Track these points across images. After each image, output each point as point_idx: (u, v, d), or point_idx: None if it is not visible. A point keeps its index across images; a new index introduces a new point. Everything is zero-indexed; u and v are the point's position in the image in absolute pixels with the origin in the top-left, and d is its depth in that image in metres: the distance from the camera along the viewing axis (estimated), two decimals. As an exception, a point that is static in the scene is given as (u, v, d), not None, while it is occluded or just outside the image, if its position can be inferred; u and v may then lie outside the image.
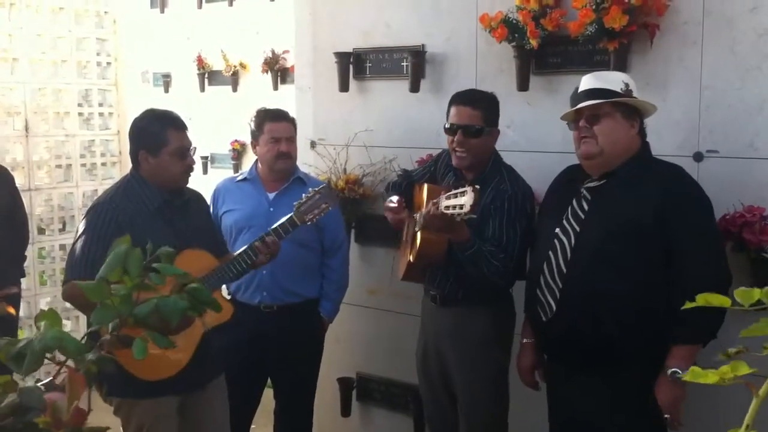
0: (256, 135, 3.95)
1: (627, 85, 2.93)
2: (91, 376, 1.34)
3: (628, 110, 2.94)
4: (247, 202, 3.96)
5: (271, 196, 3.95)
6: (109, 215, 3.17)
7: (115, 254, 1.41)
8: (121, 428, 3.32)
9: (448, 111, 3.42)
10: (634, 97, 2.94)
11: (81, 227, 3.24)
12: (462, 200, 2.89)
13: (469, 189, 2.88)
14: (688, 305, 1.23)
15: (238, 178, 4.09)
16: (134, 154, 3.29)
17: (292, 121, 4.00)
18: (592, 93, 2.93)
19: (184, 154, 3.29)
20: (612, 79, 2.96)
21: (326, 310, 4.05)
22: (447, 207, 2.96)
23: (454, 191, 2.99)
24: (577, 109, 2.96)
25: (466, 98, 3.39)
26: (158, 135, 3.24)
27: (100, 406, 3.05)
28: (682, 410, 2.87)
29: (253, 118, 3.98)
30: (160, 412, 3.26)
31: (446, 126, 3.40)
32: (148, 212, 3.22)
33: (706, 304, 1.19)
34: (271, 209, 3.90)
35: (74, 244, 3.21)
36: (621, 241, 2.87)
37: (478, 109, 3.35)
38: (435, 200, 3.09)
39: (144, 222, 3.18)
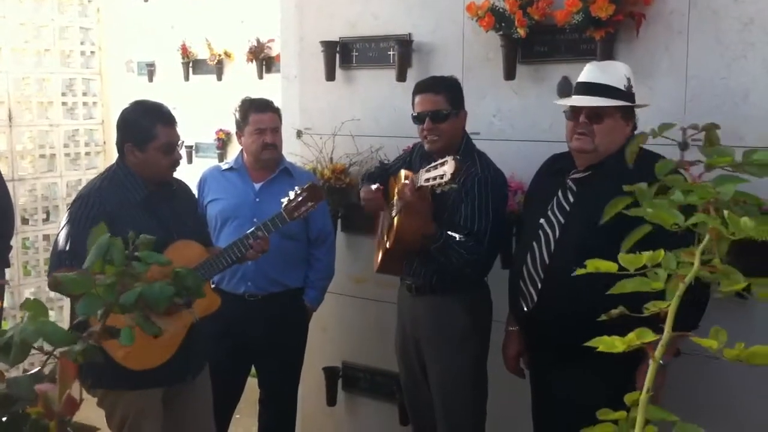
0: (240, 126, 3.94)
1: (629, 80, 2.95)
2: (96, 355, 1.35)
3: (629, 110, 2.96)
4: (233, 192, 3.95)
5: (258, 186, 3.94)
6: (94, 206, 3.14)
7: (98, 246, 1.40)
8: (105, 420, 3.31)
9: (413, 100, 3.44)
10: (635, 101, 2.96)
11: (66, 217, 3.23)
12: (443, 170, 2.91)
13: (449, 158, 2.91)
14: (579, 272, 1.26)
15: (224, 167, 4.08)
16: (120, 146, 3.26)
17: (277, 111, 3.98)
18: (596, 88, 2.93)
19: (171, 150, 3.26)
20: (616, 75, 2.95)
21: (311, 298, 4.05)
22: (427, 180, 2.97)
23: (433, 164, 3.00)
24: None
25: (427, 85, 3.44)
26: (147, 129, 3.20)
27: (85, 397, 3.04)
28: (662, 398, 2.88)
29: (238, 108, 3.96)
30: (144, 404, 3.25)
31: (413, 115, 3.43)
32: (134, 202, 3.20)
33: (595, 270, 1.23)
34: (257, 200, 3.89)
35: (59, 234, 3.20)
36: (605, 234, 2.86)
37: (440, 94, 3.38)
38: (413, 176, 3.12)
39: (129, 212, 3.16)
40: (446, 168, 2.90)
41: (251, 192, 3.93)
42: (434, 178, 2.95)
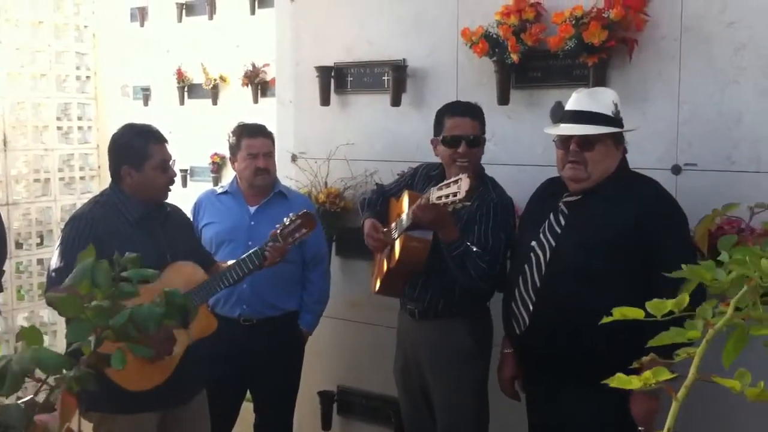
0: (234, 151, 3.95)
1: (616, 105, 2.95)
2: (89, 381, 1.34)
3: (619, 135, 2.98)
4: (227, 215, 3.95)
5: (252, 209, 3.94)
6: (85, 228, 3.15)
7: (81, 267, 1.40)
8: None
9: (442, 123, 3.41)
10: (623, 125, 2.97)
11: (60, 239, 3.24)
12: (455, 188, 2.88)
13: (463, 176, 2.87)
14: (606, 320, 1.27)
15: (219, 191, 4.08)
16: (116, 170, 3.28)
17: (269, 136, 3.98)
18: (584, 116, 2.94)
19: (166, 167, 3.30)
20: (604, 101, 2.95)
21: (306, 322, 4.04)
22: (439, 197, 2.95)
23: (446, 182, 2.98)
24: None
25: (465, 109, 3.42)
26: (141, 149, 3.23)
27: (88, 427, 3.02)
28: (655, 422, 2.88)
29: (231, 134, 3.97)
30: (140, 429, 3.23)
31: (442, 138, 3.39)
32: (128, 225, 3.22)
33: (622, 317, 1.23)
34: (252, 223, 3.89)
35: (53, 255, 3.22)
36: (595, 258, 2.88)
37: (476, 119, 3.39)
38: (425, 195, 3.08)
39: (123, 234, 3.17)
40: (460, 185, 2.87)
41: (246, 215, 3.93)
42: (447, 196, 2.93)
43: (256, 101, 6.12)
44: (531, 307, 2.98)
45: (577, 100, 3.00)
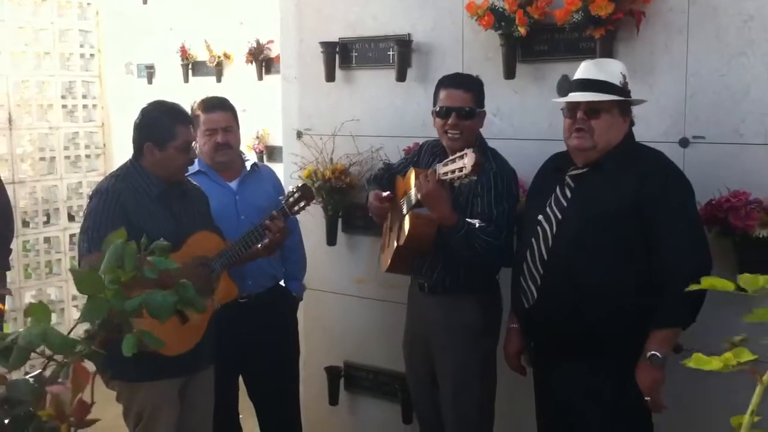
0: (195, 127, 3.70)
1: (624, 76, 2.96)
2: (99, 360, 1.35)
3: (625, 106, 2.97)
4: (211, 194, 3.74)
5: (233, 185, 3.90)
6: (114, 201, 3.22)
7: (113, 251, 1.41)
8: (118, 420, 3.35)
9: (437, 94, 3.41)
10: (631, 97, 2.97)
11: (85, 212, 3.33)
12: (462, 162, 2.87)
13: (469, 151, 2.87)
14: (693, 287, 1.21)
15: (190, 173, 3.72)
16: (139, 145, 3.32)
17: (229, 110, 3.87)
18: (592, 84, 2.93)
19: (188, 149, 3.35)
20: (612, 71, 2.96)
21: (296, 288, 4.12)
22: (445, 173, 2.95)
23: (451, 157, 2.97)
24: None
25: (458, 81, 3.41)
26: (168, 129, 3.29)
27: (103, 398, 3.05)
28: (661, 392, 2.88)
29: (191, 110, 3.81)
30: (162, 396, 3.32)
31: (437, 109, 3.38)
32: (149, 199, 3.29)
33: (711, 287, 1.19)
34: (238, 197, 3.87)
35: (82, 227, 3.26)
36: (600, 229, 2.89)
37: (470, 92, 3.36)
38: (431, 169, 3.08)
39: (146, 208, 3.26)
40: (466, 160, 2.86)
41: (229, 192, 3.88)
42: (453, 171, 2.92)
43: (260, 78, 6.10)
44: (539, 281, 2.99)
45: (585, 69, 3.01)
